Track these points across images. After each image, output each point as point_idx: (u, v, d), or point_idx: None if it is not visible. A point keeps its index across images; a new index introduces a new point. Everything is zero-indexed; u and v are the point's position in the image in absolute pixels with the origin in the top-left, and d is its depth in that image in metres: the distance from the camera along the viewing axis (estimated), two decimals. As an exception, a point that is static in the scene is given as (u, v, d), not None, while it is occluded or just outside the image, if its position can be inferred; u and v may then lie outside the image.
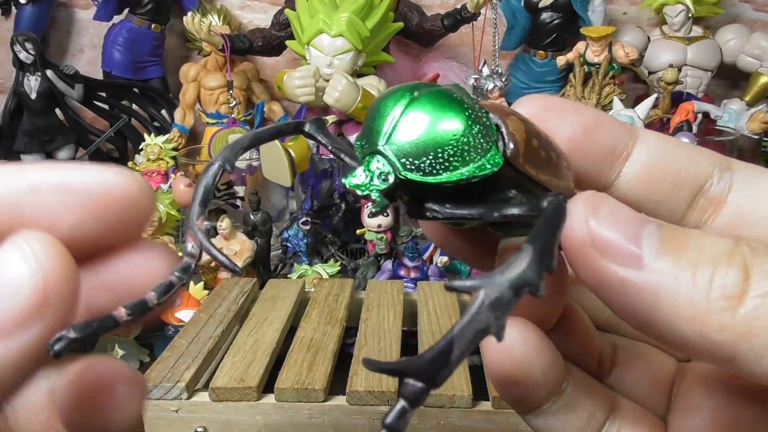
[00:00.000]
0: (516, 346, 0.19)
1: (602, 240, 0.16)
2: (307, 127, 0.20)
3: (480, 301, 0.14)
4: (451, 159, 0.17)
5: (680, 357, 0.22)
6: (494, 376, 0.19)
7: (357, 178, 0.17)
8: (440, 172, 0.17)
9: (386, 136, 0.17)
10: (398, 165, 0.17)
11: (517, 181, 0.18)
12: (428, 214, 0.18)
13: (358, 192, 0.17)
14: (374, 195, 0.17)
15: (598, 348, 0.22)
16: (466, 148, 0.17)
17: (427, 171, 0.17)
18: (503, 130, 0.17)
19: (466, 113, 0.17)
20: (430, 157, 0.17)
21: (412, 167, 0.17)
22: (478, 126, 0.17)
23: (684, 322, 0.15)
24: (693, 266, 0.15)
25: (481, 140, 0.17)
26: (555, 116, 0.20)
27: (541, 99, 0.21)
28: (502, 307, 0.14)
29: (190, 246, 0.18)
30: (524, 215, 0.17)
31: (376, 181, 0.17)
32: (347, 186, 0.18)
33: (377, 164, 0.17)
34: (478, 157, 0.17)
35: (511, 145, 0.17)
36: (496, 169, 0.17)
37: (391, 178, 0.17)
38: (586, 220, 0.16)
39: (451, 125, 0.17)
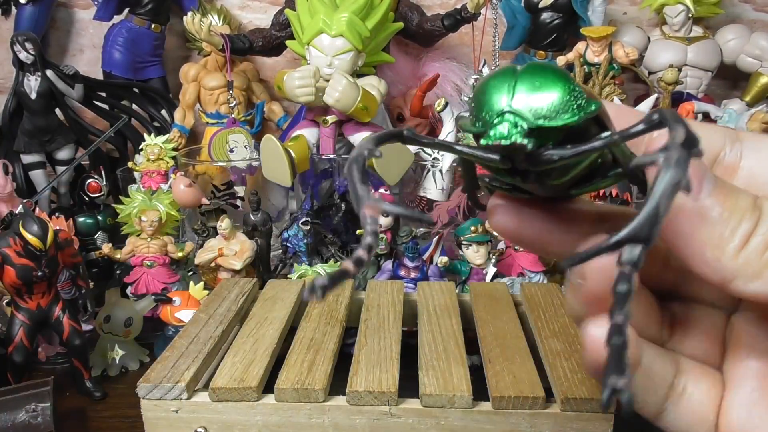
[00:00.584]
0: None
1: None
2: (407, 133, 0.25)
3: (667, 165, 0.17)
4: (565, 107, 0.20)
5: (728, 309, 0.26)
6: (593, 369, 0.23)
7: (496, 131, 0.21)
8: (561, 116, 0.20)
9: (510, 99, 0.21)
10: (529, 116, 0.21)
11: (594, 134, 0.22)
12: (553, 156, 0.21)
13: (503, 142, 0.21)
14: (520, 139, 0.20)
15: (659, 318, 0.25)
16: (574, 96, 0.21)
17: (551, 117, 0.20)
18: (582, 87, 0.21)
19: (564, 75, 0.21)
20: (551, 107, 0.21)
21: (539, 116, 0.21)
22: (573, 80, 0.21)
23: (709, 248, 0.20)
24: (731, 210, 0.20)
25: (578, 91, 0.21)
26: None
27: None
28: (684, 164, 0.17)
29: (369, 219, 0.21)
30: (650, 162, 0.19)
31: (514, 130, 0.21)
32: (492, 141, 0.21)
33: (509, 121, 0.21)
34: (583, 103, 0.21)
35: (596, 101, 0.21)
36: (597, 112, 0.21)
37: (525, 126, 0.21)
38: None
39: (560, 82, 0.21)
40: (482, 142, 0.21)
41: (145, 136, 0.89)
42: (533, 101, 0.21)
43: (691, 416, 0.25)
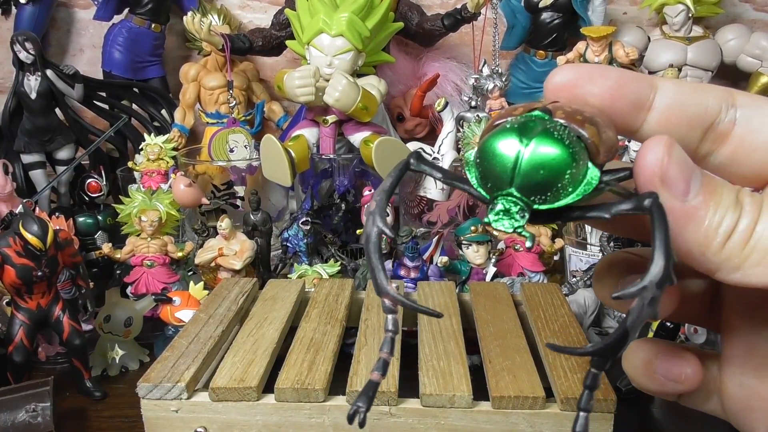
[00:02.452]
0: (696, 379, 0.27)
1: (668, 175, 0.21)
2: (413, 165, 0.25)
3: (641, 303, 0.20)
4: (567, 187, 0.22)
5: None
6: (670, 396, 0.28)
7: (501, 220, 0.22)
8: (562, 198, 0.22)
9: (512, 180, 0.22)
10: (529, 202, 0.22)
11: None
12: (545, 222, 0.23)
13: (507, 232, 0.22)
14: (522, 231, 0.22)
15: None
16: (574, 176, 0.22)
17: (552, 201, 0.22)
18: (585, 140, 0.22)
19: (569, 148, 0.21)
20: (554, 191, 0.22)
21: (541, 201, 0.22)
22: (577, 154, 0.22)
23: (696, 244, 0.22)
24: (715, 208, 0.21)
25: (581, 165, 0.22)
26: (586, 82, 0.24)
27: (573, 69, 0.24)
28: (656, 303, 0.20)
29: (388, 303, 0.24)
30: (633, 212, 0.21)
31: (517, 218, 0.22)
32: (494, 228, 0.22)
33: (512, 205, 0.22)
34: (583, 177, 0.22)
35: (594, 147, 0.22)
36: (597, 182, 0.22)
37: (527, 214, 0.22)
38: (663, 158, 0.22)
39: (564, 163, 0.21)
40: (487, 218, 0.22)
41: (145, 135, 0.89)
42: (537, 187, 0.22)
43: (703, 392, 0.28)
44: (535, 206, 0.22)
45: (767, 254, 0.21)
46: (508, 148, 0.22)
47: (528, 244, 0.23)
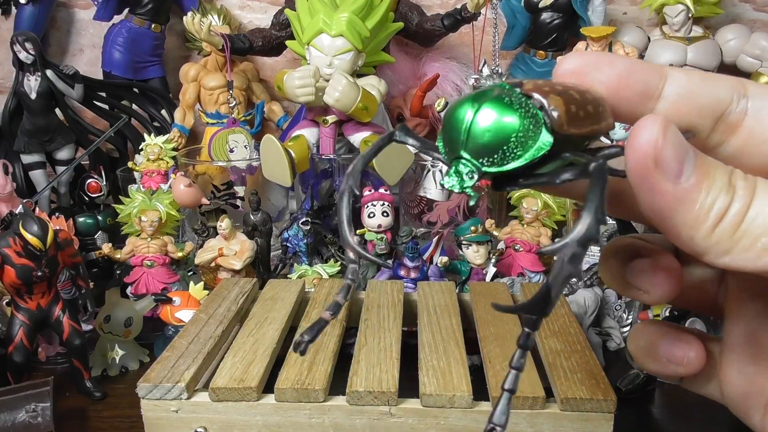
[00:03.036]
0: (698, 362, 0.27)
1: (662, 156, 0.21)
2: (397, 136, 0.26)
3: (561, 259, 0.20)
4: (516, 150, 0.22)
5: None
6: (674, 379, 0.28)
7: (451, 179, 0.23)
8: (510, 161, 0.22)
9: (463, 143, 0.22)
10: (478, 164, 0.22)
11: (566, 142, 0.23)
12: (507, 188, 0.24)
13: (455, 191, 0.23)
14: (468, 191, 0.23)
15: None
16: (524, 138, 0.22)
17: (500, 163, 0.22)
18: (546, 109, 0.22)
19: (517, 112, 0.22)
20: (500, 153, 0.22)
21: (489, 163, 0.22)
22: (527, 119, 0.22)
23: (685, 227, 0.21)
24: (707, 190, 0.21)
25: (532, 128, 0.22)
26: (592, 70, 0.24)
27: (580, 56, 0.24)
28: (577, 260, 0.20)
29: (351, 254, 0.25)
30: (577, 178, 0.22)
31: (465, 179, 0.23)
32: (444, 187, 0.23)
33: (462, 167, 0.23)
34: (534, 142, 0.22)
35: (556, 116, 0.22)
36: (548, 147, 0.22)
37: (476, 176, 0.23)
38: (657, 138, 0.21)
39: (509, 126, 0.22)
40: (440, 182, 0.23)
41: (145, 136, 0.89)
42: (484, 150, 0.22)
43: (703, 375, 0.28)
44: (484, 168, 0.22)
45: (758, 239, 0.21)
46: (462, 113, 0.22)
47: (471, 202, 0.24)
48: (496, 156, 0.22)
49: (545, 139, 0.22)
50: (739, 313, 0.26)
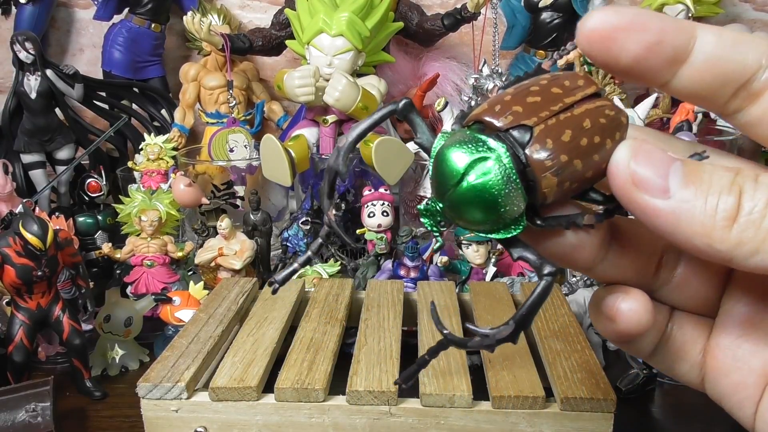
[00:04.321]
0: (641, 315, 0.24)
1: (639, 177, 0.21)
2: (399, 110, 0.25)
3: (479, 342, 0.23)
4: (486, 230, 0.23)
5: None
6: (620, 337, 0.25)
7: (425, 217, 0.24)
8: (484, 233, 0.23)
9: (447, 197, 0.22)
10: (451, 220, 0.23)
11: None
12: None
13: (426, 227, 0.24)
14: (438, 238, 0.24)
15: (650, 270, 0.26)
16: (499, 225, 0.22)
17: (474, 230, 0.23)
18: (535, 187, 0.22)
19: (497, 203, 0.22)
20: (474, 227, 0.23)
21: (462, 226, 0.23)
22: (509, 207, 0.22)
23: (697, 237, 0.20)
24: (704, 195, 0.20)
25: (511, 216, 0.22)
26: (623, 36, 0.21)
27: (610, 15, 0.21)
28: (490, 348, 0.23)
29: (325, 221, 0.25)
30: (531, 263, 0.23)
31: (436, 227, 0.23)
32: (423, 221, 0.24)
33: (439, 215, 0.23)
34: (504, 227, 0.23)
35: (543, 196, 0.22)
36: (519, 233, 0.23)
37: (445, 228, 0.24)
38: (628, 164, 0.21)
39: (490, 213, 0.22)
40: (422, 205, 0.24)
41: (145, 135, 0.89)
42: (462, 219, 0.23)
43: (675, 354, 0.27)
44: (458, 230, 0.24)
45: None
46: (454, 167, 0.22)
47: (435, 245, 0.25)
48: (471, 226, 0.23)
49: (519, 227, 0.23)
50: (744, 292, 0.25)
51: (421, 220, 0.24)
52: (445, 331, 0.24)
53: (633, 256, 0.25)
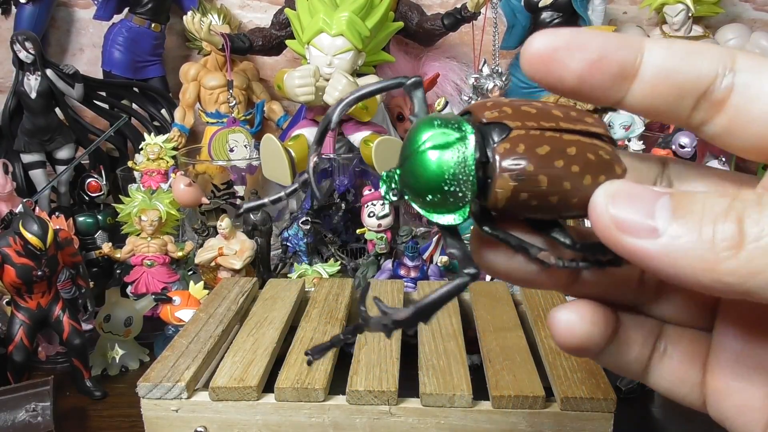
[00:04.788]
0: (576, 326, 0.23)
1: (622, 221, 0.19)
2: (407, 84, 0.24)
3: (378, 321, 0.22)
4: (430, 207, 0.22)
5: None
6: (564, 348, 0.24)
7: (383, 185, 0.23)
8: (425, 210, 0.22)
9: (403, 162, 0.22)
10: (401, 189, 0.23)
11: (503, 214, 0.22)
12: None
13: (381, 192, 0.23)
14: (386, 202, 0.23)
15: (635, 286, 0.25)
16: (441, 207, 0.22)
17: (418, 204, 0.22)
18: (491, 183, 0.21)
19: (446, 179, 0.21)
20: (417, 201, 0.22)
21: (410, 197, 0.22)
22: (454, 190, 0.21)
23: (701, 273, 0.18)
24: (698, 227, 0.18)
25: (455, 201, 0.21)
26: (563, 56, 0.21)
27: (549, 37, 0.21)
28: (387, 331, 0.22)
29: (309, 169, 0.25)
30: (456, 258, 0.22)
31: (390, 194, 0.23)
32: (381, 179, 0.23)
33: (393, 180, 0.23)
34: (449, 212, 0.22)
35: (494, 201, 0.21)
36: (458, 224, 0.22)
37: (396, 198, 0.23)
38: (606, 208, 0.19)
39: (434, 189, 0.21)
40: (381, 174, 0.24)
41: (145, 135, 0.89)
42: (409, 186, 0.22)
43: (672, 375, 0.25)
44: (406, 196, 0.22)
45: None
46: (420, 139, 0.22)
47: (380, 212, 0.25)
48: (417, 198, 0.22)
49: (462, 215, 0.22)
50: (742, 301, 0.23)
51: (380, 184, 0.23)
52: (362, 308, 0.23)
53: (608, 273, 0.24)
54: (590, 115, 0.23)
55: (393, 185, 0.22)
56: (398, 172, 0.22)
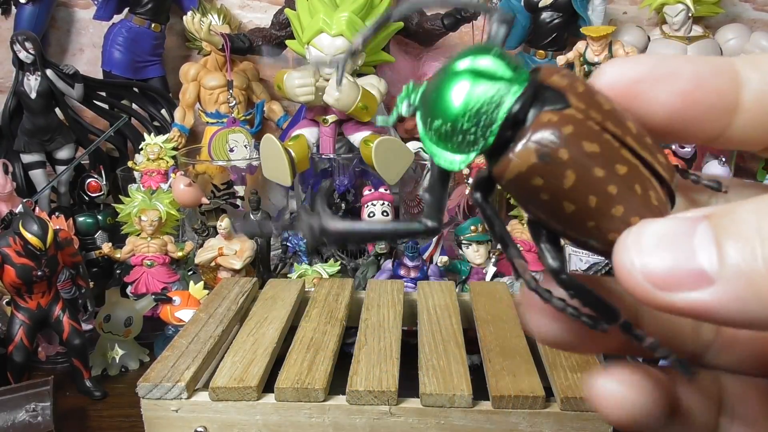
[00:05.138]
0: (624, 397, 0.18)
1: (658, 277, 0.14)
2: (395, 14, 0.22)
3: (307, 221, 0.19)
4: (438, 135, 0.18)
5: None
6: (616, 425, 0.19)
7: (404, 95, 0.19)
8: (428, 137, 0.18)
9: (433, 78, 0.19)
10: (417, 107, 0.19)
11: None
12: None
13: (397, 100, 0.19)
14: (393, 114, 0.20)
15: (691, 334, 0.20)
16: (444, 141, 0.18)
17: (425, 128, 0.18)
18: (510, 151, 0.17)
19: (465, 109, 0.17)
20: (429, 121, 0.18)
21: (422, 116, 0.19)
22: (465, 127, 0.18)
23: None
24: (760, 248, 0.13)
25: (462, 143, 0.18)
26: (649, 87, 0.17)
27: (629, 65, 0.18)
28: (312, 233, 0.19)
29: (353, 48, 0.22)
30: (426, 205, 0.19)
31: (404, 104, 0.19)
32: (404, 91, 0.20)
33: (415, 92, 0.19)
34: (452, 151, 0.18)
35: (501, 167, 0.17)
36: (452, 169, 0.18)
37: (407, 112, 0.19)
38: (632, 263, 0.15)
39: (447, 115, 0.18)
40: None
41: (145, 135, 0.89)
42: (424, 108, 0.19)
43: None
44: (418, 113, 0.19)
45: None
46: (462, 57, 0.19)
47: (392, 117, 0.21)
48: (426, 119, 0.18)
49: (464, 163, 0.18)
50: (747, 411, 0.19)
51: (401, 95, 0.20)
52: (305, 204, 0.21)
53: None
54: (663, 153, 0.19)
55: (412, 96, 0.19)
56: (424, 86, 0.19)
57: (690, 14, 0.99)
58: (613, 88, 0.18)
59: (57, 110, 0.95)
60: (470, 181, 0.68)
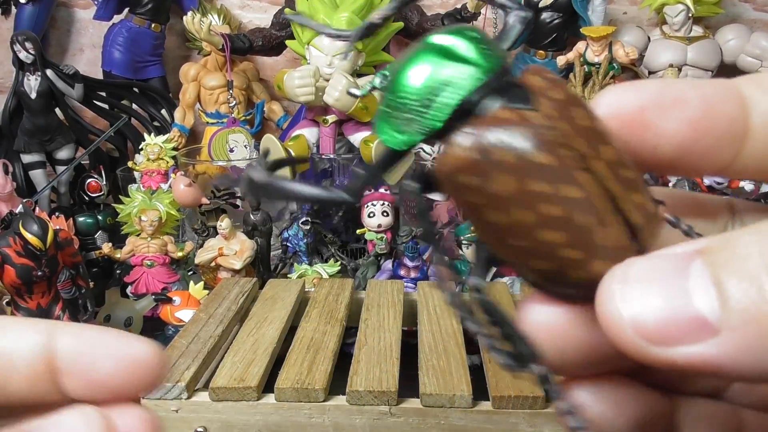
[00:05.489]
0: (593, 405, 0.17)
1: (651, 330, 0.12)
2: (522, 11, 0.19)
3: (249, 172, 0.18)
4: (389, 109, 0.17)
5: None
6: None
7: (380, 73, 0.18)
8: (380, 114, 0.17)
9: (400, 62, 0.17)
10: (386, 84, 0.17)
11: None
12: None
13: (376, 74, 0.18)
14: (366, 85, 0.18)
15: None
16: (394, 115, 0.17)
17: (382, 104, 0.17)
18: (448, 142, 0.16)
19: (421, 89, 0.16)
20: (387, 96, 0.17)
21: (387, 91, 0.17)
22: (418, 107, 0.16)
23: None
24: (759, 296, 0.11)
25: (407, 123, 0.16)
26: (653, 117, 0.16)
27: (630, 93, 0.16)
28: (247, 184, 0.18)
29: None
30: (357, 178, 0.18)
31: (379, 78, 0.18)
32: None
33: (383, 76, 0.18)
34: (396, 131, 0.17)
35: (437, 158, 0.16)
36: (397, 150, 0.17)
37: (379, 84, 0.18)
38: (620, 315, 0.13)
39: (404, 87, 0.16)
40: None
41: (145, 135, 0.89)
42: (390, 81, 0.17)
43: None
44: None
45: None
46: (441, 36, 0.17)
47: (358, 92, 0.20)
48: (386, 93, 0.17)
49: (410, 141, 0.17)
50: None
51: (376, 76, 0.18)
52: (258, 157, 0.19)
53: None
54: (645, 193, 0.16)
55: (388, 69, 0.18)
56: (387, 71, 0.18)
57: (690, 14, 0.99)
58: (615, 118, 0.16)
59: (57, 110, 0.95)
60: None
